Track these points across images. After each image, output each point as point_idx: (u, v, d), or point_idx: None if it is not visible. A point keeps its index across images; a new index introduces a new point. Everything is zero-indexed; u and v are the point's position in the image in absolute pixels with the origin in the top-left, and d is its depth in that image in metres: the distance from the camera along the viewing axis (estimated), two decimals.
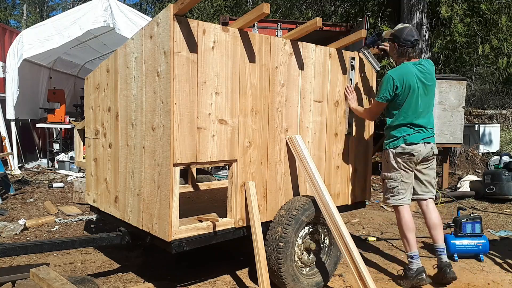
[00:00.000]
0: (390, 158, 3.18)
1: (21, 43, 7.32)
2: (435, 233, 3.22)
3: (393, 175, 3.20)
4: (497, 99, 18.06)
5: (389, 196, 3.23)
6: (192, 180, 4.32)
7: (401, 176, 3.17)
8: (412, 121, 3.12)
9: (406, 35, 3.11)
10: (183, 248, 2.56)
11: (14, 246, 2.60)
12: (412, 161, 3.15)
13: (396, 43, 3.17)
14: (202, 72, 2.55)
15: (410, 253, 3.13)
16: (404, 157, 3.13)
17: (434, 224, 3.23)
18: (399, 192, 3.19)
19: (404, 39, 3.11)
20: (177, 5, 2.36)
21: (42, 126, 8.48)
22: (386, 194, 3.28)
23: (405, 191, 3.19)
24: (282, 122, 3.02)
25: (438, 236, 3.21)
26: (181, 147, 2.47)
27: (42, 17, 25.95)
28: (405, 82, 3.07)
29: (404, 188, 3.19)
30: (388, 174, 3.23)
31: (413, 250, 3.12)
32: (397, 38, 3.15)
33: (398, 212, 3.21)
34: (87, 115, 3.45)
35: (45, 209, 5.09)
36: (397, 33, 3.16)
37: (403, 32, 3.13)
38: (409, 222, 3.16)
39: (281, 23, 7.26)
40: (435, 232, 3.22)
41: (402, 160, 3.14)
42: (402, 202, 3.19)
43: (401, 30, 3.16)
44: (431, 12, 8.90)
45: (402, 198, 3.19)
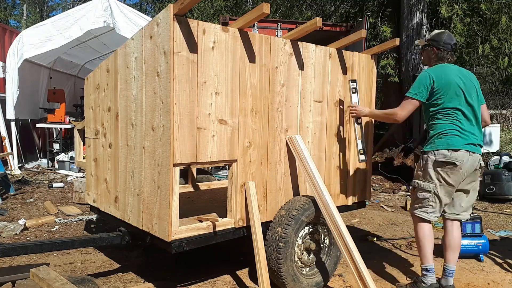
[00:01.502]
0: (428, 166, 2.88)
1: (21, 43, 7.32)
2: (451, 254, 2.98)
3: (426, 185, 2.92)
4: (497, 99, 18.05)
5: (418, 207, 2.97)
6: (192, 180, 4.32)
7: (435, 188, 2.89)
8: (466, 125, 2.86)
9: (446, 39, 3.00)
10: (183, 248, 2.56)
11: (14, 246, 2.60)
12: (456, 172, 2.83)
13: (435, 47, 3.03)
14: (202, 72, 2.55)
15: (426, 266, 2.94)
16: (446, 166, 2.84)
17: (454, 245, 2.99)
18: (429, 205, 2.93)
19: (444, 42, 2.99)
20: (177, 5, 2.36)
21: (42, 126, 8.48)
22: (415, 204, 3.02)
23: (434, 205, 2.93)
24: (282, 122, 3.02)
25: (453, 258, 2.98)
26: (181, 147, 2.47)
27: (42, 17, 25.95)
28: (444, 78, 2.86)
29: (435, 201, 2.91)
30: (421, 183, 2.95)
31: (430, 263, 2.94)
32: (435, 42, 3.02)
33: (420, 227, 2.97)
34: (87, 115, 3.45)
35: (45, 209, 5.09)
36: (435, 38, 3.04)
37: (442, 36, 3.02)
38: (430, 234, 2.95)
39: (281, 23, 7.26)
40: (453, 254, 2.98)
41: (442, 170, 2.85)
42: (428, 217, 2.94)
43: (440, 34, 3.05)
44: (431, 12, 8.90)
45: (432, 213, 2.93)
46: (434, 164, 2.87)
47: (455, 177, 2.86)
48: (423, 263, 2.97)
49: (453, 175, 2.85)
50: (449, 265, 2.99)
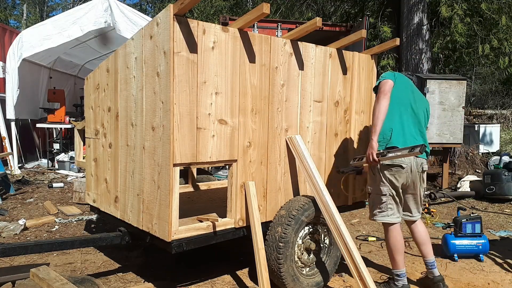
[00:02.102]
0: (375, 169, 2.93)
1: (21, 43, 7.33)
2: (424, 248, 3.08)
3: (380, 189, 2.93)
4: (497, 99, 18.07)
5: (377, 213, 2.98)
6: (192, 180, 4.32)
7: (389, 190, 2.91)
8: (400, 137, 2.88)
9: None
10: (183, 248, 2.56)
11: (14, 246, 2.60)
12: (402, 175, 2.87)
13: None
14: (202, 72, 2.55)
15: (398, 272, 2.99)
16: (393, 169, 2.87)
17: (424, 240, 3.09)
18: (388, 208, 2.94)
19: None
20: (177, 5, 2.36)
21: (42, 126, 8.48)
22: (373, 210, 3.01)
23: (393, 207, 2.94)
24: (282, 122, 3.02)
25: (428, 250, 3.08)
26: (181, 147, 2.47)
27: (42, 17, 25.95)
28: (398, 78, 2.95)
29: (392, 203, 2.93)
30: (376, 188, 2.96)
31: (400, 268, 2.98)
32: None
33: (388, 231, 2.98)
34: (87, 115, 3.45)
35: (45, 209, 5.09)
36: None
37: None
38: (399, 242, 2.95)
39: (281, 23, 7.26)
40: (425, 247, 3.08)
41: (389, 173, 2.88)
42: (390, 220, 2.95)
43: None
44: (431, 12, 8.91)
45: (392, 215, 2.94)
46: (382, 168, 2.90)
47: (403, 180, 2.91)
48: (395, 268, 3.00)
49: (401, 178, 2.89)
50: (428, 258, 3.08)
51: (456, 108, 6.43)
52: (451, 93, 6.40)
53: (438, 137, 6.38)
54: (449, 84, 6.40)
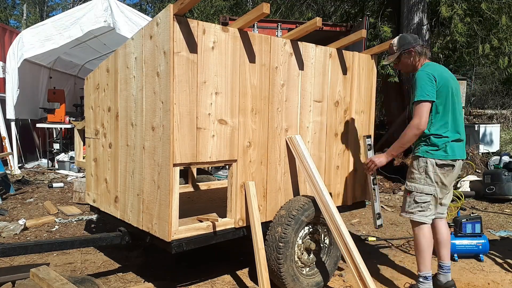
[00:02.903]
0: (429, 169, 2.83)
1: (21, 43, 7.33)
2: (443, 250, 3.03)
3: (427, 189, 2.85)
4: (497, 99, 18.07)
5: (416, 211, 2.89)
6: (192, 180, 4.32)
7: (435, 190, 2.85)
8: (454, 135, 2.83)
9: (411, 37, 2.96)
10: (183, 248, 2.56)
11: (14, 246, 2.60)
12: (451, 173, 2.85)
13: (411, 48, 2.92)
14: (202, 72, 2.55)
15: (424, 274, 2.88)
16: (445, 168, 2.83)
17: (444, 241, 3.04)
18: (428, 208, 2.87)
19: (413, 38, 2.94)
20: (177, 5, 2.36)
21: (42, 126, 8.48)
22: (411, 209, 2.91)
23: (434, 208, 2.90)
24: (282, 122, 3.02)
25: (446, 253, 3.03)
26: (181, 147, 2.47)
27: (42, 17, 25.96)
28: (443, 78, 2.80)
29: (433, 204, 2.88)
30: (421, 187, 2.87)
31: (427, 270, 2.88)
32: (407, 44, 2.93)
33: (420, 229, 2.89)
34: (87, 115, 3.45)
35: (45, 209, 5.09)
36: (402, 42, 2.95)
37: (406, 37, 2.97)
38: (430, 241, 2.89)
39: (281, 23, 7.26)
40: (444, 250, 3.03)
41: (441, 172, 2.83)
42: (428, 220, 2.88)
43: (402, 37, 2.99)
44: (431, 12, 8.90)
45: (430, 215, 2.89)
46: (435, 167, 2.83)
47: (450, 179, 2.89)
48: (422, 270, 2.90)
49: (449, 177, 2.88)
50: (445, 262, 3.03)
51: None
52: None
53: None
54: None
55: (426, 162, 2.85)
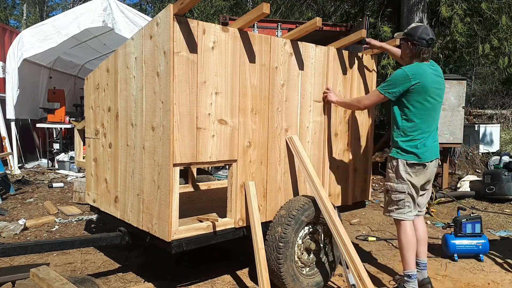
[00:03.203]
0: (400, 168, 2.90)
1: (21, 43, 7.32)
2: (420, 247, 3.05)
3: (400, 187, 2.93)
4: (497, 99, 18.07)
5: (393, 209, 2.97)
6: (192, 180, 4.32)
7: (408, 188, 2.92)
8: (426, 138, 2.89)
9: (421, 33, 2.87)
10: (183, 248, 2.56)
11: (14, 246, 2.60)
12: (422, 173, 2.92)
13: (409, 42, 2.92)
14: (202, 72, 2.55)
15: (408, 272, 2.93)
16: (416, 167, 2.89)
17: (422, 238, 3.07)
18: (405, 206, 2.93)
19: (418, 37, 2.87)
20: (177, 5, 2.36)
21: (42, 126, 8.48)
22: (389, 207, 3.00)
23: (412, 205, 2.95)
24: (282, 122, 3.02)
25: (423, 250, 3.07)
26: (181, 147, 2.47)
27: (42, 17, 25.96)
28: (421, 82, 2.81)
29: (410, 201, 2.94)
30: (395, 185, 2.95)
31: (411, 269, 2.92)
32: (410, 36, 2.91)
33: (401, 227, 2.94)
34: (87, 115, 3.45)
35: (45, 209, 5.09)
36: (411, 31, 2.93)
37: (417, 30, 2.90)
38: (412, 239, 2.92)
39: (281, 23, 7.26)
40: (421, 247, 3.06)
41: (412, 171, 2.90)
42: (407, 217, 2.94)
43: (415, 28, 2.93)
44: (431, 12, 8.90)
45: (408, 213, 2.94)
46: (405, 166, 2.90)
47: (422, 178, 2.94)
48: (406, 269, 2.94)
49: (421, 176, 2.93)
50: (422, 259, 3.05)
51: (456, 108, 6.43)
52: (451, 93, 6.40)
53: (438, 137, 6.37)
54: (449, 84, 6.40)
55: (398, 162, 2.93)
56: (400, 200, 2.94)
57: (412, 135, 2.89)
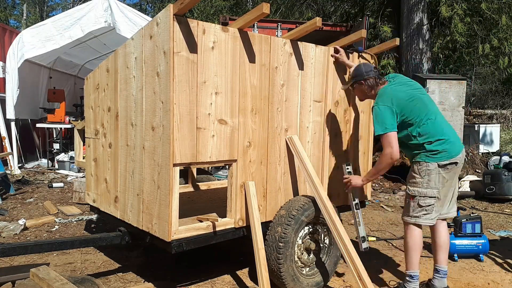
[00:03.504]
0: (432, 172, 2.79)
1: (21, 43, 7.32)
2: (443, 254, 3.00)
3: (430, 192, 2.81)
4: (497, 99, 18.07)
5: (421, 215, 2.84)
6: (192, 180, 4.32)
7: (439, 192, 2.82)
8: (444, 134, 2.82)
9: (365, 68, 2.98)
10: (183, 248, 2.56)
11: (14, 246, 2.60)
12: (454, 171, 2.83)
13: (363, 81, 2.98)
14: (202, 72, 2.55)
15: (411, 272, 2.90)
16: (448, 168, 2.80)
17: (444, 244, 3.01)
18: (434, 210, 2.84)
19: (365, 71, 2.96)
20: (177, 5, 2.36)
21: (42, 126, 8.48)
22: (416, 213, 2.85)
23: (438, 209, 2.87)
24: (282, 122, 3.02)
25: (444, 257, 3.00)
26: (180, 147, 2.47)
27: (42, 17, 25.95)
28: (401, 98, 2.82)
29: (438, 205, 2.85)
30: (424, 190, 2.82)
31: (415, 269, 2.89)
32: (360, 77, 2.98)
33: (411, 229, 2.89)
34: (87, 115, 3.45)
35: (45, 209, 5.09)
36: (356, 73, 3.01)
37: (360, 69, 3.00)
38: (420, 241, 2.89)
39: (281, 23, 7.26)
40: (442, 253, 3.00)
41: (445, 172, 2.80)
42: (433, 223, 2.88)
43: (357, 68, 3.03)
44: (431, 12, 8.91)
45: (435, 218, 2.87)
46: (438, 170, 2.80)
47: (453, 174, 2.87)
48: (409, 269, 2.92)
49: (452, 172, 2.85)
50: (442, 266, 3.00)
51: (456, 108, 6.44)
52: (451, 93, 6.40)
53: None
54: (449, 84, 6.41)
55: (429, 166, 2.81)
56: (429, 206, 2.83)
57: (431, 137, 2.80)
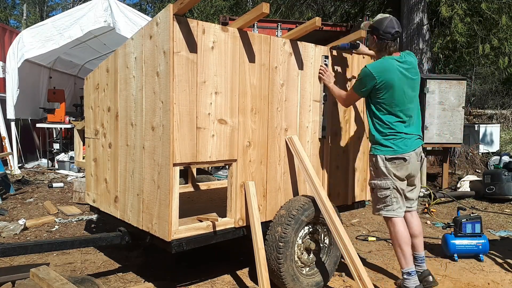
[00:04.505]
0: (380, 164, 2.89)
1: (21, 43, 7.32)
2: (417, 241, 3.05)
3: (383, 183, 2.90)
4: (497, 99, 18.08)
5: (382, 207, 2.93)
6: (192, 180, 4.32)
7: (393, 183, 2.88)
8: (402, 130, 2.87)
9: (386, 27, 2.82)
10: (183, 248, 2.56)
11: (14, 246, 2.60)
12: (404, 166, 2.87)
13: (375, 36, 2.88)
14: (202, 72, 2.55)
15: (407, 270, 2.88)
16: (396, 162, 2.86)
17: (416, 232, 3.06)
18: (393, 202, 2.89)
19: (384, 31, 2.82)
20: (177, 5, 2.36)
21: (42, 126, 8.48)
22: (378, 205, 2.96)
23: (400, 200, 2.91)
24: (282, 122, 3.02)
25: (419, 243, 3.06)
26: (180, 147, 2.47)
27: (42, 17, 25.95)
28: (386, 79, 2.78)
29: (396, 196, 2.89)
30: (379, 182, 2.92)
31: (409, 266, 2.88)
32: (376, 30, 2.86)
33: (392, 224, 2.91)
34: (87, 115, 3.45)
35: (45, 209, 5.09)
36: (376, 25, 2.87)
37: (382, 24, 2.84)
38: (405, 235, 2.89)
39: (281, 23, 7.26)
40: (418, 240, 3.06)
41: (392, 166, 2.87)
42: (397, 214, 2.90)
43: (381, 21, 2.86)
44: (431, 12, 8.91)
45: (398, 209, 2.90)
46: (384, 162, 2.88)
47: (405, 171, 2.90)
48: (404, 267, 2.89)
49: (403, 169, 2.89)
50: (419, 253, 3.07)
51: (456, 108, 6.44)
52: (451, 93, 6.40)
53: (438, 137, 6.38)
54: (449, 84, 6.41)
55: (377, 158, 2.91)
56: (386, 197, 2.90)
57: (388, 129, 2.87)
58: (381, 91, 2.84)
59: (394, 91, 2.82)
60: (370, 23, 3.00)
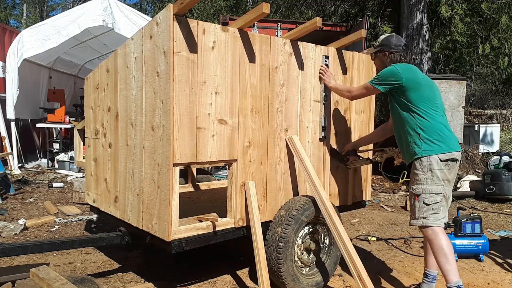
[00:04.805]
0: (434, 167, 2.65)
1: (21, 43, 7.32)
2: (431, 257, 2.81)
3: (435, 188, 2.65)
4: (497, 99, 18.09)
5: (428, 215, 2.65)
6: (192, 180, 4.32)
7: (444, 189, 2.66)
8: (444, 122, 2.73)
9: (396, 41, 2.95)
10: (183, 248, 2.56)
11: (14, 246, 2.60)
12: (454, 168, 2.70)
13: (387, 52, 2.96)
14: (202, 72, 2.55)
15: (456, 283, 2.55)
16: (449, 164, 2.67)
17: None
18: (441, 210, 2.65)
19: (394, 45, 2.94)
20: (177, 5, 2.36)
21: (42, 126, 8.48)
22: (422, 213, 2.67)
23: (446, 209, 2.70)
24: (282, 122, 3.02)
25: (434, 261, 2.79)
26: (180, 147, 2.47)
27: (42, 17, 25.95)
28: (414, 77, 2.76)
29: (444, 204, 2.68)
30: (429, 187, 2.66)
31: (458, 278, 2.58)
32: (387, 47, 2.96)
33: (435, 233, 2.63)
34: (87, 115, 3.45)
35: (45, 209, 5.09)
36: (385, 42, 2.98)
37: (389, 40, 2.97)
38: (450, 244, 2.64)
39: (281, 23, 7.27)
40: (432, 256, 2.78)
41: (447, 168, 2.66)
42: (441, 224, 2.66)
43: (387, 38, 3.00)
44: (431, 12, 8.92)
45: (443, 218, 2.67)
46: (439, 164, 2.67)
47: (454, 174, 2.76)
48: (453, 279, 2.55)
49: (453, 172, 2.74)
50: (431, 270, 2.89)
51: (456, 108, 6.44)
52: (451, 93, 6.41)
53: None
54: (449, 84, 6.41)
55: (430, 160, 2.68)
56: (436, 203, 2.65)
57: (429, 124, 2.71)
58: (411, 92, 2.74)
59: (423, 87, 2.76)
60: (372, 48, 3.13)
